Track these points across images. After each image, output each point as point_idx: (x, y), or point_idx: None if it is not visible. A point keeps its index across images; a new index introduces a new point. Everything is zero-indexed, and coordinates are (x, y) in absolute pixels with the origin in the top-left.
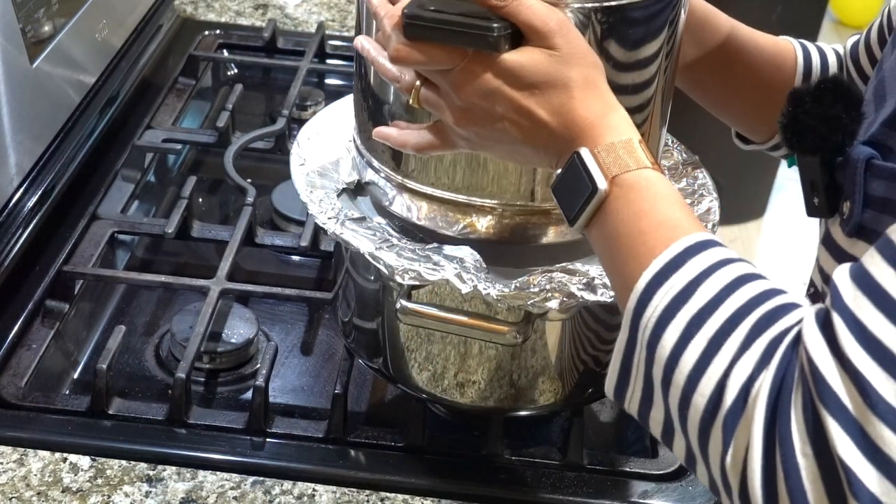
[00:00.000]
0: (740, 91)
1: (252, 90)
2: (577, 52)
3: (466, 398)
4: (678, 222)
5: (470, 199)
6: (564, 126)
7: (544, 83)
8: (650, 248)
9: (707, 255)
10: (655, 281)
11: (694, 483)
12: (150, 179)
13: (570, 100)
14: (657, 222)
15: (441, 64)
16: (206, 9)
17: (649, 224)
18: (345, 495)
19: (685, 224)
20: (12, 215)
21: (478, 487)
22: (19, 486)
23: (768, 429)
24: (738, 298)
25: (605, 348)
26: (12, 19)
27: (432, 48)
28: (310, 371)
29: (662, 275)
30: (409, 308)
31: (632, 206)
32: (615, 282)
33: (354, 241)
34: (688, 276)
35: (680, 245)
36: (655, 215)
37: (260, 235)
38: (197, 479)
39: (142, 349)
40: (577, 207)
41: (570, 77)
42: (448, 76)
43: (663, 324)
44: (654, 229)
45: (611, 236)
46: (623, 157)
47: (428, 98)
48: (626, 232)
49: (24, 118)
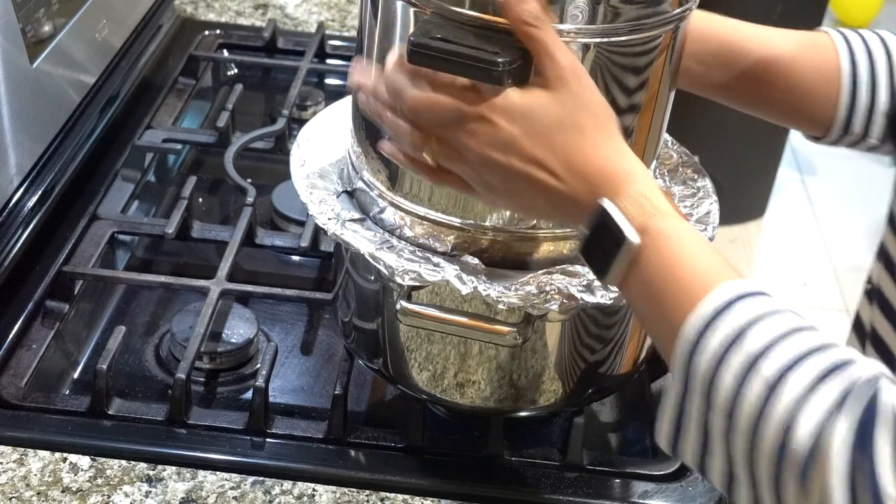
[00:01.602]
0: (780, 105)
1: (252, 90)
2: (590, 98)
3: (466, 398)
4: (717, 269)
5: (464, 222)
6: (581, 176)
7: (557, 129)
8: (693, 295)
9: (755, 302)
10: (705, 326)
11: (694, 483)
12: (150, 179)
13: (584, 146)
14: (696, 270)
15: (450, 112)
16: (206, 9)
17: (688, 272)
18: (345, 495)
19: (724, 270)
20: (12, 215)
21: (478, 487)
22: (19, 486)
23: (849, 474)
24: (795, 344)
25: (604, 349)
26: (12, 19)
27: (446, 97)
28: (310, 371)
29: (711, 320)
30: (409, 309)
31: (666, 256)
32: (657, 332)
33: (354, 241)
34: (738, 320)
35: (726, 290)
36: (693, 263)
37: (260, 236)
38: (197, 479)
39: (142, 349)
40: (608, 262)
41: (583, 124)
42: (462, 128)
43: (718, 369)
44: (694, 277)
45: (648, 288)
46: (648, 206)
47: (445, 154)
48: (665, 282)
49: (24, 118)
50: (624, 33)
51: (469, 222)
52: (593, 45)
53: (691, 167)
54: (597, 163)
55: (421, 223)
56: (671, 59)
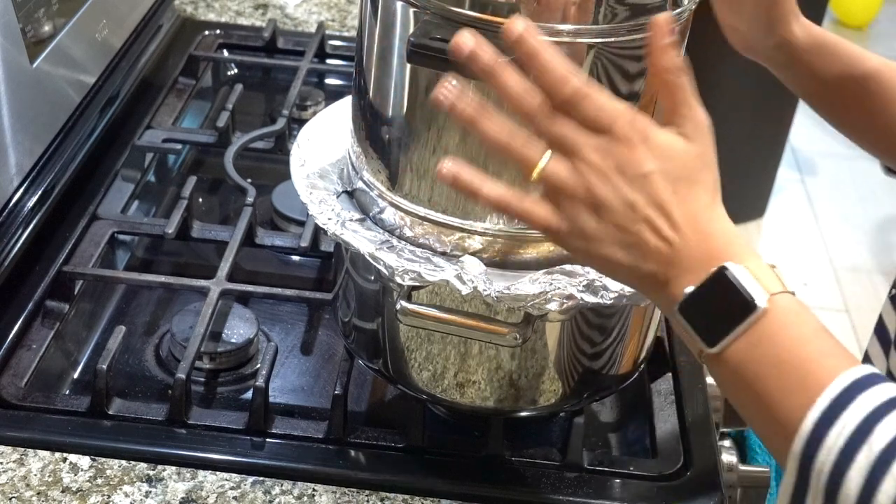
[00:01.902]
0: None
1: (252, 90)
2: (713, 158)
3: (466, 398)
4: (840, 354)
5: (464, 222)
6: (703, 234)
7: (689, 180)
8: (817, 380)
9: (878, 391)
10: (825, 418)
11: (694, 483)
12: (150, 179)
13: (709, 206)
14: (821, 351)
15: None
16: (206, 9)
17: (813, 352)
18: (345, 495)
19: (848, 356)
20: (12, 215)
21: (478, 487)
22: (19, 486)
23: None
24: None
25: (604, 349)
26: (12, 19)
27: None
28: (310, 371)
29: (832, 411)
30: (409, 309)
31: (792, 331)
32: (763, 413)
33: (354, 241)
34: (861, 412)
35: (846, 378)
36: (819, 343)
37: (260, 235)
38: (197, 479)
39: (142, 349)
40: (723, 327)
41: (710, 183)
42: (597, 143)
43: (843, 467)
44: (819, 358)
45: (764, 362)
46: (773, 278)
47: (556, 173)
48: (788, 359)
49: (24, 118)
50: (624, 33)
51: (469, 222)
52: (594, 46)
53: None
54: (720, 225)
55: (421, 223)
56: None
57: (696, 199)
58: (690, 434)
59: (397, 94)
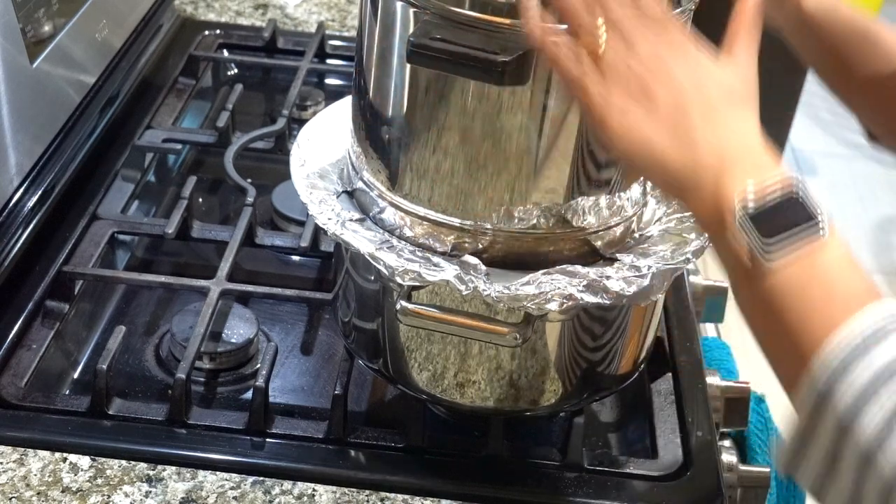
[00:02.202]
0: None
1: (252, 90)
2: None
3: (466, 398)
4: (880, 293)
5: (464, 222)
6: (752, 144)
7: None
8: (850, 310)
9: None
10: (854, 351)
11: (694, 483)
12: (150, 179)
13: (758, 132)
14: (869, 288)
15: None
16: (206, 9)
17: (862, 285)
18: (345, 495)
19: (879, 295)
20: (12, 215)
21: (478, 487)
22: (19, 486)
23: None
24: None
25: (604, 349)
26: (12, 19)
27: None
28: (310, 371)
29: (860, 349)
30: (409, 309)
31: (846, 260)
32: (793, 339)
33: (354, 241)
34: (890, 353)
35: (877, 318)
36: (867, 279)
37: (260, 235)
38: (197, 479)
39: (142, 349)
40: (786, 239)
41: (755, 108)
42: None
43: (864, 401)
44: (867, 293)
45: (814, 285)
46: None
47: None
48: (838, 286)
49: (24, 118)
50: None
51: (469, 222)
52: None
53: None
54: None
55: (421, 223)
56: None
57: (744, 119)
58: (690, 434)
59: (397, 94)
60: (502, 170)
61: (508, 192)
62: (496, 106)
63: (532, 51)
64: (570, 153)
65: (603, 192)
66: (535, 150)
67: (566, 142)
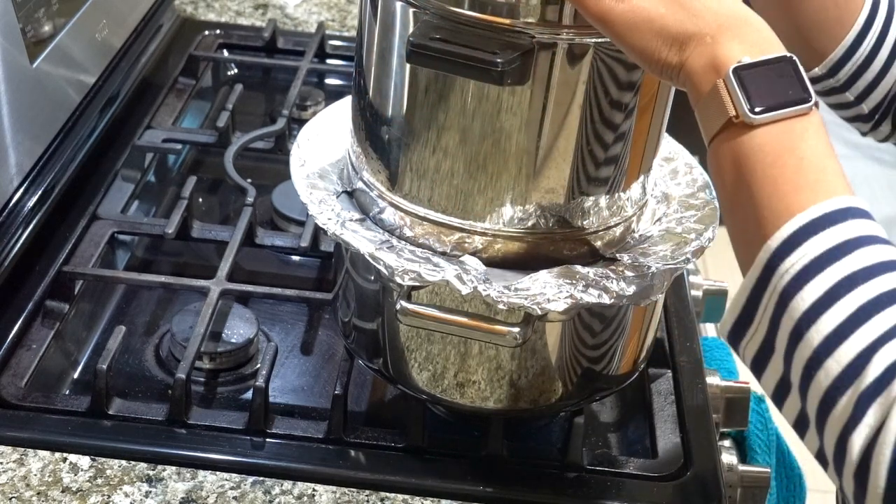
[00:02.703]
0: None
1: (252, 90)
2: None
3: (466, 398)
4: (847, 182)
5: (464, 222)
6: (757, 20)
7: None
8: (828, 190)
9: (867, 224)
10: (808, 228)
11: (694, 483)
12: (150, 179)
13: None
14: (836, 171)
15: None
16: (206, 9)
17: (832, 165)
18: (345, 495)
19: (846, 182)
20: (12, 215)
21: (478, 487)
22: (19, 486)
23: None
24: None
25: (604, 349)
26: (12, 19)
27: None
28: (310, 371)
29: (818, 224)
30: (409, 309)
31: (823, 139)
32: (757, 204)
33: (354, 241)
34: (844, 235)
35: (843, 202)
36: (837, 163)
37: (260, 235)
38: (197, 479)
39: (142, 349)
40: (773, 101)
41: None
42: None
43: (807, 276)
44: (835, 175)
45: (790, 153)
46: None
47: None
48: (811, 159)
49: (24, 118)
50: None
51: (469, 222)
52: (593, 45)
53: (692, 167)
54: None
55: (421, 223)
56: None
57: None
58: (690, 434)
59: (397, 94)
60: (502, 170)
61: (508, 192)
62: (496, 106)
63: (532, 50)
64: (570, 153)
65: (603, 192)
66: (535, 150)
67: (566, 142)
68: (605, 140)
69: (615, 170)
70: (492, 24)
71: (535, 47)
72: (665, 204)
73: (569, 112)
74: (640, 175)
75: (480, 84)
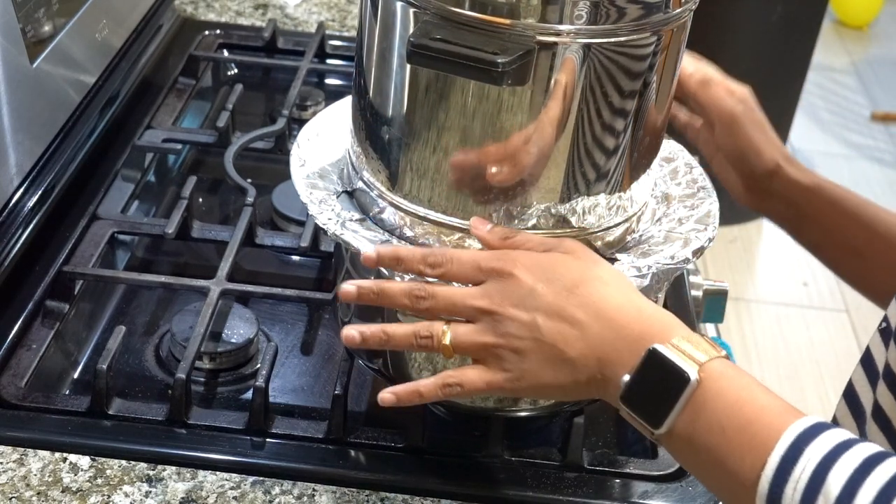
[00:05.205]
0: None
1: (252, 90)
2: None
3: (466, 398)
4: (780, 407)
5: (464, 222)
6: (618, 327)
7: (580, 280)
8: (763, 439)
9: (825, 439)
10: (779, 475)
11: (694, 484)
12: (150, 179)
13: (617, 297)
14: (760, 408)
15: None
16: (206, 9)
17: (752, 412)
18: (345, 495)
19: (787, 408)
20: (12, 215)
21: (478, 487)
22: (19, 485)
23: None
24: (879, 477)
25: None
26: (12, 19)
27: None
28: (310, 371)
29: (784, 467)
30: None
31: (728, 396)
32: (721, 479)
33: (354, 241)
34: (812, 464)
35: (792, 432)
36: (756, 402)
37: (260, 235)
38: (197, 479)
39: (142, 349)
40: (664, 407)
41: (604, 275)
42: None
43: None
44: (760, 417)
45: (708, 431)
46: (698, 347)
47: (464, 336)
48: (730, 423)
49: (24, 118)
50: (624, 33)
51: (469, 222)
52: (593, 46)
53: (692, 167)
54: (634, 309)
55: (421, 223)
56: (672, 59)
57: (595, 293)
58: None
59: (397, 94)
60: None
61: (509, 191)
62: (496, 106)
63: (532, 51)
64: (569, 153)
65: (603, 193)
66: (535, 150)
67: (566, 142)
68: (604, 140)
69: (615, 170)
70: (492, 25)
71: (535, 48)
72: (665, 204)
73: (569, 112)
74: (640, 175)
75: (481, 84)
